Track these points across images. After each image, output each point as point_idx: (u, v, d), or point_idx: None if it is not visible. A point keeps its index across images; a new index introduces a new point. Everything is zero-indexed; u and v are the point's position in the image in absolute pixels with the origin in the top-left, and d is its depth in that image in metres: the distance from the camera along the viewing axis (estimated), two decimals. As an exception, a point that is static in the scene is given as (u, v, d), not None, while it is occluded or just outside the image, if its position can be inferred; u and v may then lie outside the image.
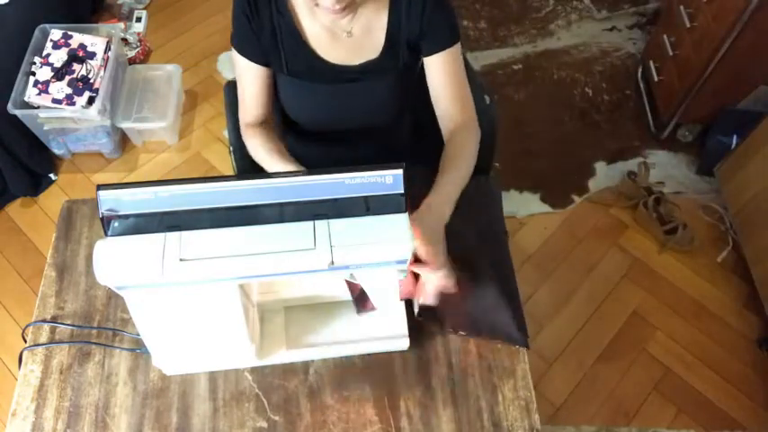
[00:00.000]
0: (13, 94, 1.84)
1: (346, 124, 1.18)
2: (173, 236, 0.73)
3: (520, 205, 2.05)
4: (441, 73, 1.10)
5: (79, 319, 0.99)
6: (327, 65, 1.08)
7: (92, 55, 1.96)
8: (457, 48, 1.09)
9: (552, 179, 2.12)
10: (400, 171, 0.75)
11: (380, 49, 1.07)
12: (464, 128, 1.10)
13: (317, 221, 0.76)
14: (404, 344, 0.97)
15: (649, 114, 2.28)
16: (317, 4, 0.94)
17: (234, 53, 1.08)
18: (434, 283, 0.91)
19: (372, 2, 1.03)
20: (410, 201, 0.78)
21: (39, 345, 0.96)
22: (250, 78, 1.09)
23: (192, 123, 2.22)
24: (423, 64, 1.11)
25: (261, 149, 1.09)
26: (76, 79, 1.91)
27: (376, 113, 1.17)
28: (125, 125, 2.04)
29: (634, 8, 2.64)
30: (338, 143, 1.21)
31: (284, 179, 0.74)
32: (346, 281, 0.92)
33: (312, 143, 1.23)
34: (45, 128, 1.94)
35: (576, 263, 1.95)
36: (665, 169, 2.15)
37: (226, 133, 1.32)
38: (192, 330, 0.85)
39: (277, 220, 0.76)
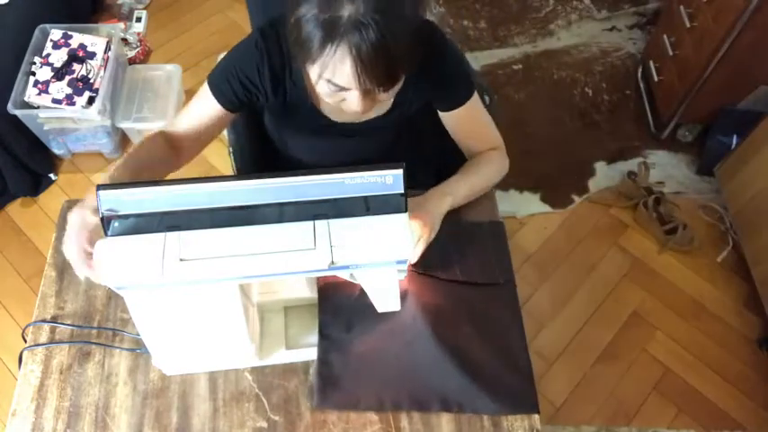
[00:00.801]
0: (13, 94, 1.84)
1: (345, 159, 1.18)
2: (173, 236, 0.73)
3: (520, 205, 2.05)
4: (458, 124, 1.11)
5: (79, 319, 0.99)
6: (332, 123, 1.09)
7: (92, 55, 1.96)
8: (473, 100, 1.08)
9: (552, 179, 2.12)
10: (400, 171, 0.75)
11: (387, 109, 1.08)
12: (489, 151, 1.13)
13: (316, 221, 0.76)
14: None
15: (649, 114, 2.28)
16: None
17: (205, 86, 1.02)
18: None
19: None
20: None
21: (39, 345, 0.96)
22: (206, 113, 1.03)
23: (192, 123, 2.22)
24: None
25: (150, 153, 1.00)
26: (76, 79, 1.91)
27: (376, 152, 1.17)
28: (125, 125, 2.04)
29: (634, 8, 2.64)
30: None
31: (284, 179, 0.74)
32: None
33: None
34: (45, 128, 1.94)
35: (576, 263, 1.95)
36: (665, 169, 2.15)
37: (225, 133, 1.31)
38: (192, 330, 0.85)
39: (277, 220, 0.76)
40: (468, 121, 1.11)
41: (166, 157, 1.03)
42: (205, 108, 1.03)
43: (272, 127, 1.20)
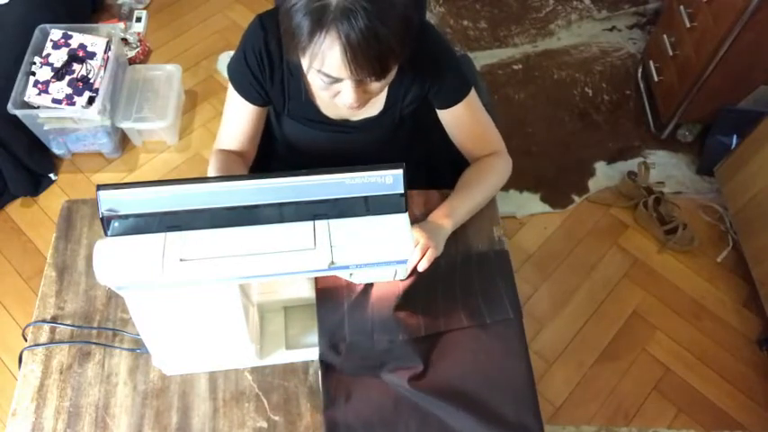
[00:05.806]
0: (13, 94, 1.84)
1: (343, 157, 1.18)
2: (173, 236, 0.73)
3: (520, 205, 2.05)
4: (455, 123, 1.11)
5: (79, 319, 0.99)
6: (328, 119, 1.09)
7: (92, 55, 1.96)
8: (469, 97, 1.07)
9: (552, 179, 2.12)
10: (400, 171, 0.75)
11: (381, 108, 1.08)
12: (490, 156, 1.12)
13: (316, 221, 0.76)
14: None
15: (649, 114, 2.28)
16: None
17: (230, 89, 1.07)
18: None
19: None
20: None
21: (39, 345, 0.96)
22: (242, 115, 1.08)
23: (192, 123, 2.22)
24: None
25: (230, 170, 1.07)
26: (76, 79, 1.91)
27: (373, 152, 1.16)
28: (125, 125, 2.04)
29: (634, 8, 2.64)
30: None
31: (284, 179, 0.74)
32: None
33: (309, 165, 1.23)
34: (45, 128, 1.94)
35: (575, 263, 1.95)
36: (665, 169, 2.15)
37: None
38: (192, 330, 0.85)
39: (277, 220, 0.76)
40: (466, 121, 1.10)
41: (240, 168, 1.09)
42: (245, 114, 1.07)
43: (272, 116, 1.20)
